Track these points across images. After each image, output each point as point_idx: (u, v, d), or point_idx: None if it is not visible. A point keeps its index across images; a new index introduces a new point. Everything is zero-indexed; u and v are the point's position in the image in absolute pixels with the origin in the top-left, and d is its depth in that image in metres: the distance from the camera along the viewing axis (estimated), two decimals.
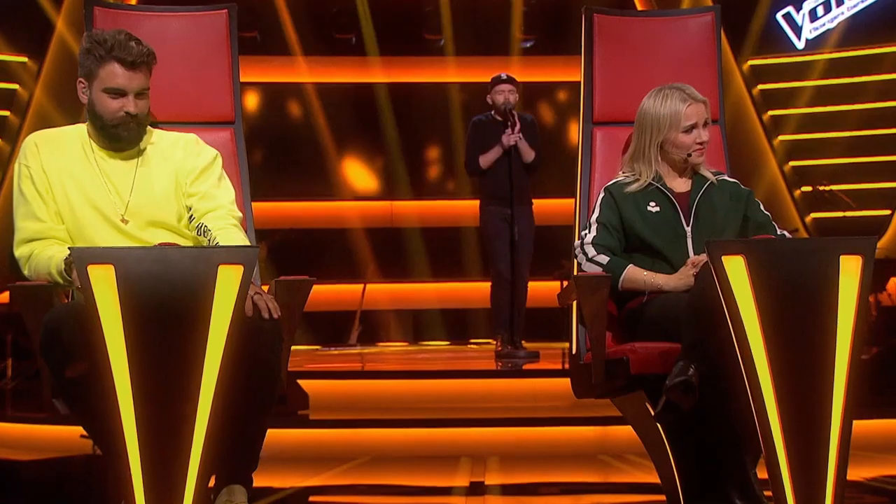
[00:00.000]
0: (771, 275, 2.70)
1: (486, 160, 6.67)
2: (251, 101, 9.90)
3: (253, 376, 2.68)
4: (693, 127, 3.35)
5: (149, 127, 3.10)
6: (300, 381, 5.61)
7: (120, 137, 3.01)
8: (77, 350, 2.63)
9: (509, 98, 6.64)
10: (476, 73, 9.41)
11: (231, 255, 2.52)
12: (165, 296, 2.46)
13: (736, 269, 2.70)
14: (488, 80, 6.80)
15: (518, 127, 6.57)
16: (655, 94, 3.37)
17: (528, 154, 6.61)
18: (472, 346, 9.24)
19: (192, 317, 2.47)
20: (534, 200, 6.82)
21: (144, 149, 3.07)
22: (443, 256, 9.72)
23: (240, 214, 3.08)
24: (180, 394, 2.45)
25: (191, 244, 3.02)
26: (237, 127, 3.51)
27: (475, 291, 8.96)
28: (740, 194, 3.40)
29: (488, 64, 9.35)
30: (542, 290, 7.26)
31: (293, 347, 2.97)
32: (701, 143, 3.36)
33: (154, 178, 3.04)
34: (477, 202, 6.86)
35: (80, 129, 3.08)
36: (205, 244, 2.97)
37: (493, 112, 6.77)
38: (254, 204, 3.46)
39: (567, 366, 4.29)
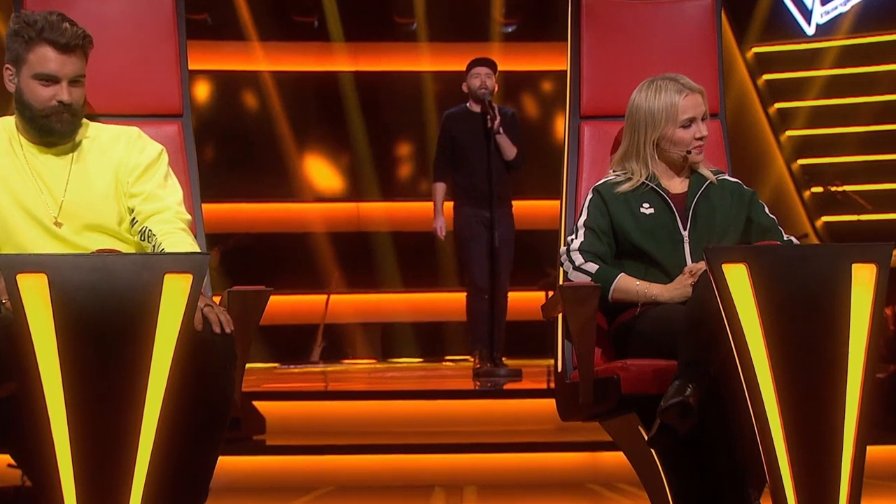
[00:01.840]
0: (776, 284, 2.71)
1: (436, 194, 6.72)
2: (201, 91, 9.87)
3: (203, 397, 2.67)
4: (691, 121, 3.37)
5: (85, 119, 3.08)
6: (256, 403, 5.60)
7: (52, 130, 2.99)
8: (4, 369, 2.62)
9: (486, 83, 6.63)
10: (452, 60, 9.41)
11: (178, 262, 2.51)
12: (105, 308, 2.45)
13: (738, 278, 2.71)
14: (464, 69, 6.81)
15: (498, 120, 6.58)
16: (647, 87, 3.38)
17: (510, 151, 6.62)
18: (448, 363, 9.25)
19: (135, 332, 2.46)
20: (515, 202, 6.83)
21: (80, 143, 3.06)
22: (415, 264, 9.73)
23: (188, 217, 3.07)
24: (121, 418, 2.44)
25: (133, 250, 3.01)
26: (185, 120, 3.50)
27: (451, 303, 8.95)
28: (743, 196, 3.42)
29: (465, 50, 9.31)
30: (525, 301, 7.27)
31: (248, 365, 2.96)
32: (700, 139, 3.38)
33: (92, 176, 3.03)
34: (452, 204, 6.87)
35: (8, 122, 3.06)
36: (149, 250, 2.96)
37: (468, 103, 6.78)
38: (204, 205, 3.45)
39: (552, 385, 4.29)
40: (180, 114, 3.50)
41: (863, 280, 2.73)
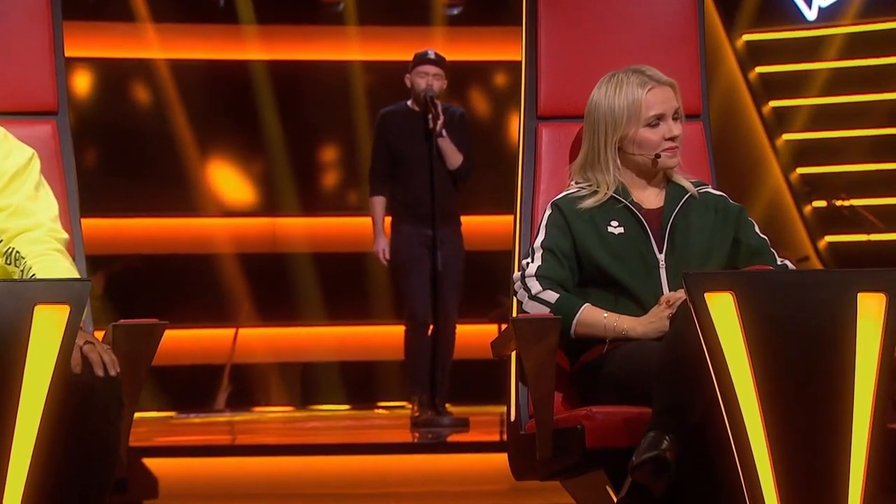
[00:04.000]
0: (768, 317, 2.74)
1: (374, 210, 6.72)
2: (81, 83, 9.81)
3: (81, 454, 2.66)
4: (659, 118, 3.40)
5: None
6: (146, 461, 5.56)
7: None
8: None
9: (433, 84, 6.67)
10: (385, 48, 9.43)
11: (52, 291, 2.50)
12: None
13: (723, 309, 2.74)
14: (401, 58, 6.84)
15: (441, 120, 6.60)
16: (607, 81, 3.42)
17: (454, 157, 6.65)
18: (381, 411, 9.24)
19: None
20: (463, 218, 6.85)
21: None
22: (342, 292, 9.71)
23: (65, 236, 3.06)
24: None
25: None
26: (61, 118, 3.48)
27: (385, 338, 8.95)
28: (729, 211, 3.45)
29: (402, 36, 9.37)
30: (473, 335, 7.28)
31: (137, 415, 2.95)
32: (672, 139, 3.40)
33: None
34: (388, 220, 6.88)
35: None
36: (16, 276, 2.94)
37: (409, 101, 6.80)
38: (84, 221, 3.44)
39: (504, 437, 4.30)
40: (55, 111, 3.49)
41: (870, 312, 2.77)
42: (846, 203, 9.38)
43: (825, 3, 10.01)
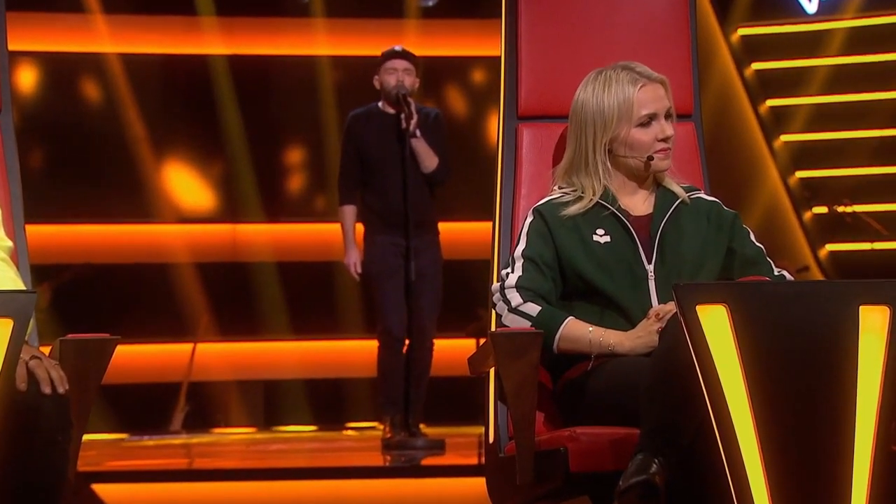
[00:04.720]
0: (764, 331, 2.75)
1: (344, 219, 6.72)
2: (25, 79, 9.78)
3: (25, 479, 2.65)
4: (651, 118, 3.41)
5: None
6: (96, 486, 5.55)
7: None
8: None
9: (403, 80, 6.68)
10: (355, 42, 9.43)
11: None
12: None
13: (716, 322, 2.74)
14: (371, 52, 6.84)
15: (415, 120, 6.61)
16: (594, 79, 3.42)
17: (429, 160, 6.65)
18: (350, 432, 9.24)
19: None
20: (440, 226, 6.86)
21: None
22: (308, 304, 9.71)
23: (9, 244, 3.05)
24: None
25: None
26: (4, 117, 3.48)
27: (354, 354, 8.95)
28: (722, 219, 3.46)
29: (373, 30, 9.37)
30: (448, 351, 7.28)
31: (86, 437, 2.94)
32: (664, 139, 3.41)
33: None
34: (362, 229, 6.88)
35: None
36: None
37: (380, 102, 6.80)
38: (30, 228, 3.43)
39: (482, 460, 4.30)
40: None
41: (873, 326, 2.77)
42: (848, 209, 9.41)
43: None
